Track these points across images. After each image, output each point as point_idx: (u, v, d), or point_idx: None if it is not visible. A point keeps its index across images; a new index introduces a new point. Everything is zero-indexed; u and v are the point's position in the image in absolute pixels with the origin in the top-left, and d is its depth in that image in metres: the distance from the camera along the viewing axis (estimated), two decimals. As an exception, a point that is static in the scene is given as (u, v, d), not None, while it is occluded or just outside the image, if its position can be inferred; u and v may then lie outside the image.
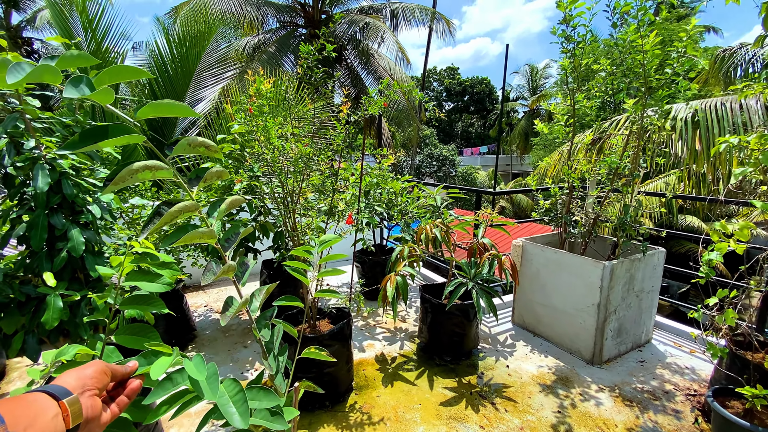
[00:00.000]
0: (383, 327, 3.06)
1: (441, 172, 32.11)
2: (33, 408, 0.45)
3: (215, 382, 0.67)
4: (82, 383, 0.52)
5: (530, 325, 2.96)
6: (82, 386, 0.52)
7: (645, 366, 2.53)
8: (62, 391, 0.49)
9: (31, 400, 0.46)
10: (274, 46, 10.19)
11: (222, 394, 0.68)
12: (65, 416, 0.47)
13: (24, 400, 0.46)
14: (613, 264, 2.37)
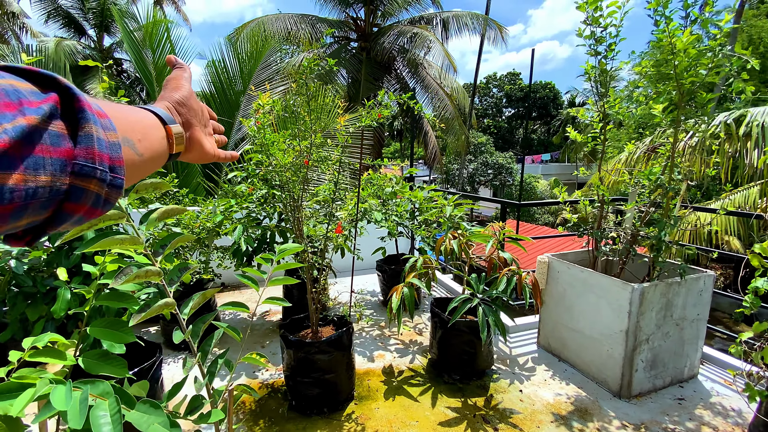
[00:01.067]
0: (398, 339, 3.02)
1: (497, 180, 31.06)
2: (145, 121, 0.42)
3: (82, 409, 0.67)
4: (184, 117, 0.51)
5: (555, 349, 2.75)
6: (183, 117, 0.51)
7: (683, 404, 2.22)
8: (167, 116, 0.46)
9: (142, 114, 0.43)
10: (325, 60, 10.65)
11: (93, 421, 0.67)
12: (170, 141, 0.46)
13: (135, 111, 0.42)
14: (644, 287, 2.13)
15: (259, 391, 2.35)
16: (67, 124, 0.28)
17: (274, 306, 3.63)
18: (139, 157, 0.38)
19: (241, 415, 2.14)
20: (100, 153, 0.30)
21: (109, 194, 0.31)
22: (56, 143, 0.27)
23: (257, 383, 2.44)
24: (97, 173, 0.29)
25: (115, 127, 0.32)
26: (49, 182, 0.26)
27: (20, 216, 0.26)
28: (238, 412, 2.17)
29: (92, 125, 0.29)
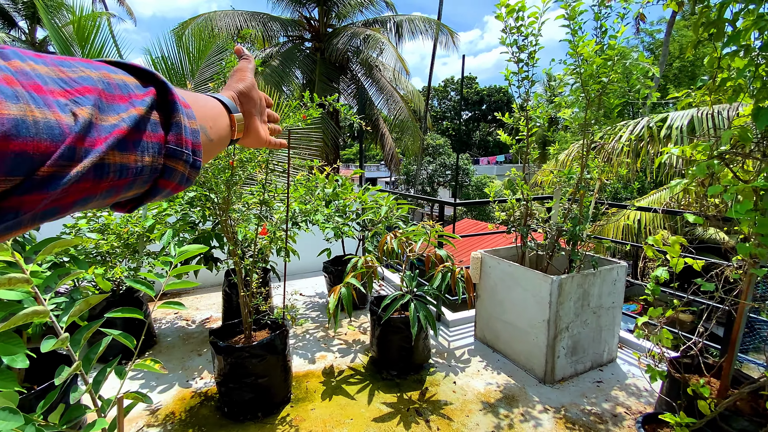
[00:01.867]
0: (342, 339, 3.03)
1: (454, 181, 31.88)
2: (215, 110, 0.47)
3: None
4: (246, 106, 0.55)
5: (490, 341, 2.88)
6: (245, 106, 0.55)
7: (601, 387, 2.41)
8: (232, 105, 0.51)
9: (213, 104, 0.48)
10: (278, 59, 10.46)
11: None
12: (233, 128, 0.51)
13: (208, 100, 0.47)
14: (562, 279, 2.29)
15: (192, 400, 2.28)
16: (161, 114, 0.33)
17: (215, 313, 3.53)
18: (210, 141, 0.44)
19: (170, 425, 2.07)
20: (185, 138, 0.35)
21: (191, 173, 0.37)
22: (155, 130, 0.32)
23: (190, 392, 2.36)
24: (183, 155, 0.35)
25: (195, 116, 0.37)
26: (150, 162, 0.32)
27: (131, 187, 0.32)
28: (167, 422, 2.09)
29: (181, 115, 0.34)
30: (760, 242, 1.50)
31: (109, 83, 0.30)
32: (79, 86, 0.27)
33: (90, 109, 0.27)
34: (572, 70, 2.25)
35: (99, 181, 0.28)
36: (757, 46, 1.53)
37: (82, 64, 0.29)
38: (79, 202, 0.28)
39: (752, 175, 1.69)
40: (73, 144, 0.25)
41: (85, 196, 0.28)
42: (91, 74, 0.29)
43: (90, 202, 0.29)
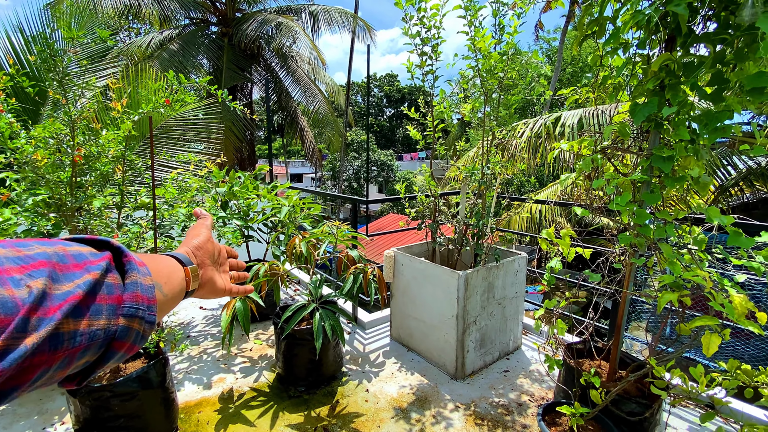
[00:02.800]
0: (246, 356, 2.72)
1: (381, 177, 32.29)
2: (169, 267, 0.50)
3: None
4: (200, 259, 0.58)
5: (405, 340, 2.81)
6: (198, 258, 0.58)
7: (508, 376, 2.47)
8: (186, 259, 0.54)
9: (167, 261, 0.50)
10: (178, 43, 9.38)
11: None
12: (187, 280, 0.52)
13: (162, 258, 0.50)
14: (468, 273, 2.28)
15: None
16: (117, 275, 0.35)
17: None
18: (165, 297, 0.45)
19: (2, 498, 1.61)
20: (141, 296, 0.36)
21: (146, 330, 0.37)
22: (111, 292, 0.34)
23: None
24: (139, 312, 0.36)
25: (149, 273, 0.40)
26: (105, 324, 0.33)
27: (85, 354, 0.31)
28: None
29: (136, 274, 0.37)
30: (639, 232, 1.59)
31: (64, 255, 0.32)
32: (34, 261, 0.29)
33: (44, 280, 0.28)
34: (471, 64, 2.23)
35: (54, 352, 0.28)
36: (634, 44, 1.60)
37: (38, 242, 0.31)
38: (37, 377, 0.28)
39: (630, 169, 1.80)
40: (26, 315, 0.26)
41: (42, 370, 0.28)
42: (46, 250, 0.31)
43: (44, 376, 0.29)
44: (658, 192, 1.59)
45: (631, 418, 1.58)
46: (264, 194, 3.01)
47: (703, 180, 1.57)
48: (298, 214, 2.91)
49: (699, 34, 1.39)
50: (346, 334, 3.02)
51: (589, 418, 1.54)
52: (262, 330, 3.08)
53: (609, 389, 1.68)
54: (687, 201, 6.00)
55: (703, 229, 1.77)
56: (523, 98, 2.54)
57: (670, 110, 1.40)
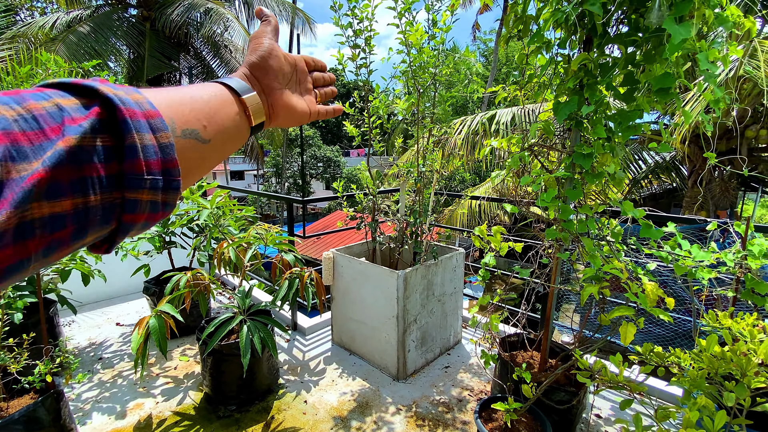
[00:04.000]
0: (170, 375, 2.46)
1: (327, 173, 31.73)
2: (213, 101, 0.38)
3: None
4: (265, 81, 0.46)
5: (347, 344, 2.72)
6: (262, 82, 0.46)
7: (449, 372, 2.49)
8: (241, 85, 0.42)
9: (210, 93, 0.38)
10: (88, 25, 8.35)
11: None
12: (247, 114, 0.42)
13: (201, 90, 0.38)
14: (406, 272, 2.24)
15: None
16: (112, 137, 0.27)
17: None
18: (206, 143, 0.36)
19: None
20: (147, 161, 0.28)
21: (166, 197, 0.31)
22: (103, 159, 0.27)
23: None
24: (146, 183, 0.29)
25: (166, 125, 0.30)
26: (99, 200, 0.27)
27: (83, 236, 0.27)
28: None
29: (135, 134, 0.28)
30: (563, 227, 1.64)
31: (34, 117, 0.24)
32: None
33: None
34: (405, 59, 2.18)
35: (24, 243, 0.23)
36: (557, 44, 1.64)
37: (2, 98, 0.23)
38: (11, 270, 0.23)
39: (556, 165, 1.86)
40: None
41: (12, 263, 0.23)
42: (6, 113, 0.23)
43: (27, 266, 0.24)
44: (580, 188, 1.65)
45: (560, 406, 1.63)
46: (186, 195, 2.74)
47: (619, 176, 1.66)
48: (227, 215, 2.69)
49: (612, 35, 1.44)
50: (284, 342, 2.86)
51: (522, 411, 1.56)
52: (189, 345, 2.81)
53: (540, 380, 1.73)
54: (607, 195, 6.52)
55: (619, 221, 1.88)
56: (459, 96, 2.55)
57: (589, 109, 1.45)
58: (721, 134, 5.28)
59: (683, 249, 1.62)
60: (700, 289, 1.85)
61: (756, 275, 1.68)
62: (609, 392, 2.24)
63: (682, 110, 1.36)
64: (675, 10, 1.15)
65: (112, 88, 0.28)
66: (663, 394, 2.18)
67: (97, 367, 2.52)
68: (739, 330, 1.49)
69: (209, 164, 0.38)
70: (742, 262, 1.69)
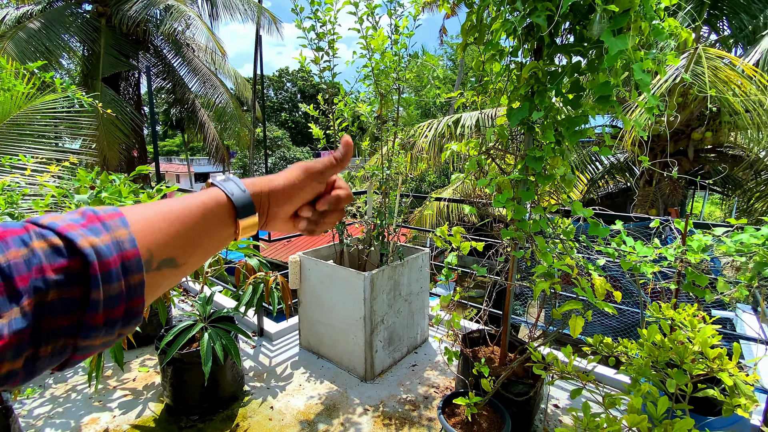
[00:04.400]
0: (128, 387, 2.36)
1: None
2: (201, 225, 0.37)
3: None
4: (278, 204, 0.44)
5: (315, 347, 2.71)
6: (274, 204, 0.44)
7: (416, 370, 2.53)
8: (246, 203, 0.40)
9: (203, 213, 0.37)
10: (39, 21, 7.86)
11: None
12: (236, 232, 0.41)
13: (191, 209, 0.36)
14: (373, 273, 2.26)
15: None
16: (81, 288, 0.28)
17: None
18: (179, 267, 0.36)
19: None
20: (108, 311, 0.29)
21: (123, 330, 0.31)
22: (64, 311, 0.27)
23: None
24: (101, 332, 0.29)
25: (141, 266, 0.31)
26: (49, 351, 0.27)
27: (30, 378, 0.28)
28: None
29: (101, 290, 0.28)
30: (518, 227, 1.72)
31: (9, 266, 0.25)
32: None
33: None
34: (366, 63, 2.20)
35: None
36: (509, 52, 1.71)
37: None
38: None
39: (511, 168, 1.94)
40: None
41: None
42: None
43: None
44: (534, 189, 1.73)
45: (519, 398, 1.70)
46: (144, 200, 2.63)
47: (569, 177, 1.75)
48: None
49: (560, 45, 1.53)
50: (250, 349, 2.81)
51: (482, 405, 1.62)
52: (149, 355, 2.71)
53: (500, 374, 1.80)
54: (568, 195, 6.80)
55: (572, 220, 1.98)
56: (428, 100, 2.60)
57: (539, 114, 1.52)
58: (670, 136, 5.65)
59: (628, 245, 1.74)
60: (646, 283, 1.98)
61: (695, 269, 1.82)
62: (567, 383, 2.36)
63: (622, 117, 1.47)
64: (614, 23, 1.24)
65: (92, 235, 0.28)
66: (616, 382, 2.31)
67: (49, 382, 2.38)
68: (681, 320, 1.62)
69: (176, 282, 0.37)
70: (682, 256, 1.83)
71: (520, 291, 4.68)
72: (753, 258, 1.71)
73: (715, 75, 4.08)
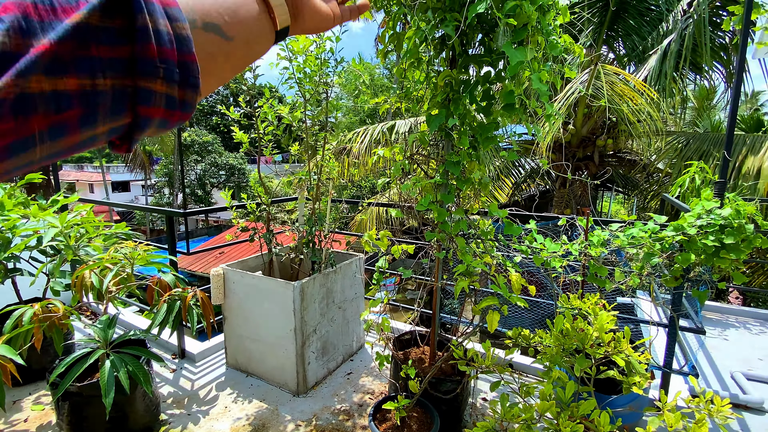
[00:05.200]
0: (18, 430, 2.02)
1: (231, 182, 29.69)
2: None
3: None
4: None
5: (243, 365, 2.55)
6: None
7: (351, 378, 2.49)
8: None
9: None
10: None
11: None
12: (271, 15, 0.38)
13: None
14: (303, 283, 2.19)
15: None
16: (124, 19, 0.25)
17: None
18: (229, 41, 0.33)
19: None
20: (161, 49, 0.26)
21: (184, 94, 0.29)
22: (113, 41, 0.25)
23: None
24: (160, 72, 0.27)
25: (183, 17, 0.28)
26: (109, 85, 0.25)
27: (93, 122, 0.26)
28: None
29: (147, 17, 0.26)
30: (440, 228, 1.77)
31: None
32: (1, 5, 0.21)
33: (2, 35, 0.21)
34: (285, 65, 2.15)
35: (27, 119, 0.22)
36: (428, 60, 1.77)
37: None
38: (15, 148, 0.22)
39: (434, 173, 2.00)
40: None
41: (15, 139, 0.22)
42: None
43: (32, 146, 0.23)
44: (454, 192, 1.80)
45: (447, 396, 1.75)
46: (34, 213, 2.30)
47: (485, 181, 1.85)
48: (92, 233, 2.34)
49: (471, 55, 1.61)
50: (169, 373, 2.57)
51: (411, 407, 1.63)
52: (45, 391, 2.36)
53: (429, 374, 1.83)
54: (493, 197, 7.26)
55: (492, 221, 2.10)
56: (357, 105, 2.59)
57: (454, 121, 1.59)
58: (578, 143, 6.29)
59: (538, 242, 1.87)
60: (558, 276, 2.15)
61: (597, 261, 2.01)
62: (493, 376, 2.48)
63: (526, 124, 1.58)
64: (514, 36, 1.33)
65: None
66: (538, 370, 2.47)
67: None
68: (586, 309, 1.77)
69: (234, 64, 0.35)
70: (584, 250, 2.01)
71: (455, 291, 4.86)
72: (642, 249, 1.94)
73: (612, 89, 4.62)
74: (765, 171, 4.70)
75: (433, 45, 1.63)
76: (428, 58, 1.78)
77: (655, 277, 2.00)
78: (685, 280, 1.98)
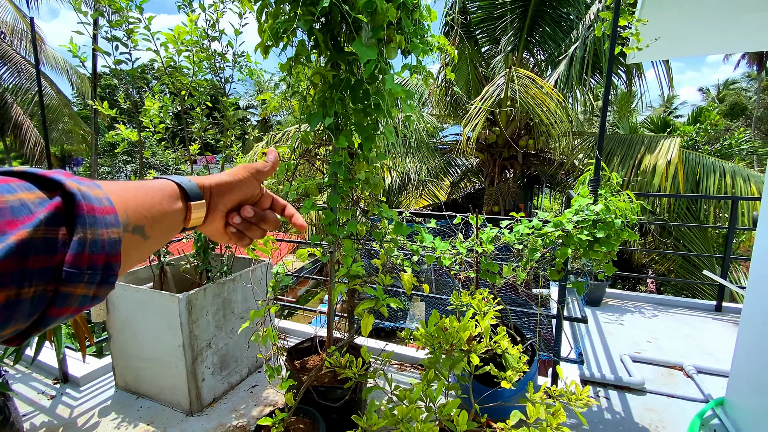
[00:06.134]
0: None
1: (169, 183, 27.65)
2: (162, 203, 0.40)
3: None
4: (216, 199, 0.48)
5: (133, 386, 2.33)
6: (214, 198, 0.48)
7: (254, 391, 2.37)
8: (194, 192, 0.44)
9: (159, 193, 0.40)
10: None
11: None
12: (186, 218, 0.44)
13: (151, 189, 0.40)
14: (189, 295, 2.03)
15: None
16: (67, 229, 0.28)
17: None
18: (146, 239, 0.38)
19: None
20: (92, 256, 0.29)
21: (99, 291, 0.31)
22: (48, 252, 0.27)
23: None
24: (84, 277, 0.29)
25: (119, 223, 0.32)
26: (32, 292, 0.26)
27: (3, 328, 0.26)
28: None
29: (87, 230, 0.29)
30: (327, 231, 1.71)
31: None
32: None
33: None
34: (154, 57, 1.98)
35: None
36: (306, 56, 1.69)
37: None
38: None
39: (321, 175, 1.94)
40: None
41: None
42: None
43: None
44: (342, 193, 1.74)
45: (335, 404, 1.69)
46: None
47: (373, 180, 1.82)
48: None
49: (340, 53, 1.56)
50: (47, 400, 2.28)
51: (289, 419, 1.56)
52: None
53: (324, 381, 1.76)
54: (434, 196, 7.38)
55: (407, 222, 2.08)
56: (236, 101, 2.45)
57: (329, 120, 1.53)
58: (504, 143, 6.60)
59: (427, 241, 1.88)
60: (458, 273, 2.19)
61: (487, 257, 2.06)
62: (402, 375, 2.48)
63: (411, 124, 1.56)
64: (373, 34, 1.30)
65: (76, 182, 0.29)
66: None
67: None
68: (476, 305, 1.80)
69: (142, 257, 0.39)
70: (473, 248, 2.06)
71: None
72: (528, 245, 2.01)
73: (526, 92, 4.87)
74: (659, 168, 5.22)
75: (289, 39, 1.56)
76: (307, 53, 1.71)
77: (541, 271, 2.10)
78: (566, 272, 2.09)
